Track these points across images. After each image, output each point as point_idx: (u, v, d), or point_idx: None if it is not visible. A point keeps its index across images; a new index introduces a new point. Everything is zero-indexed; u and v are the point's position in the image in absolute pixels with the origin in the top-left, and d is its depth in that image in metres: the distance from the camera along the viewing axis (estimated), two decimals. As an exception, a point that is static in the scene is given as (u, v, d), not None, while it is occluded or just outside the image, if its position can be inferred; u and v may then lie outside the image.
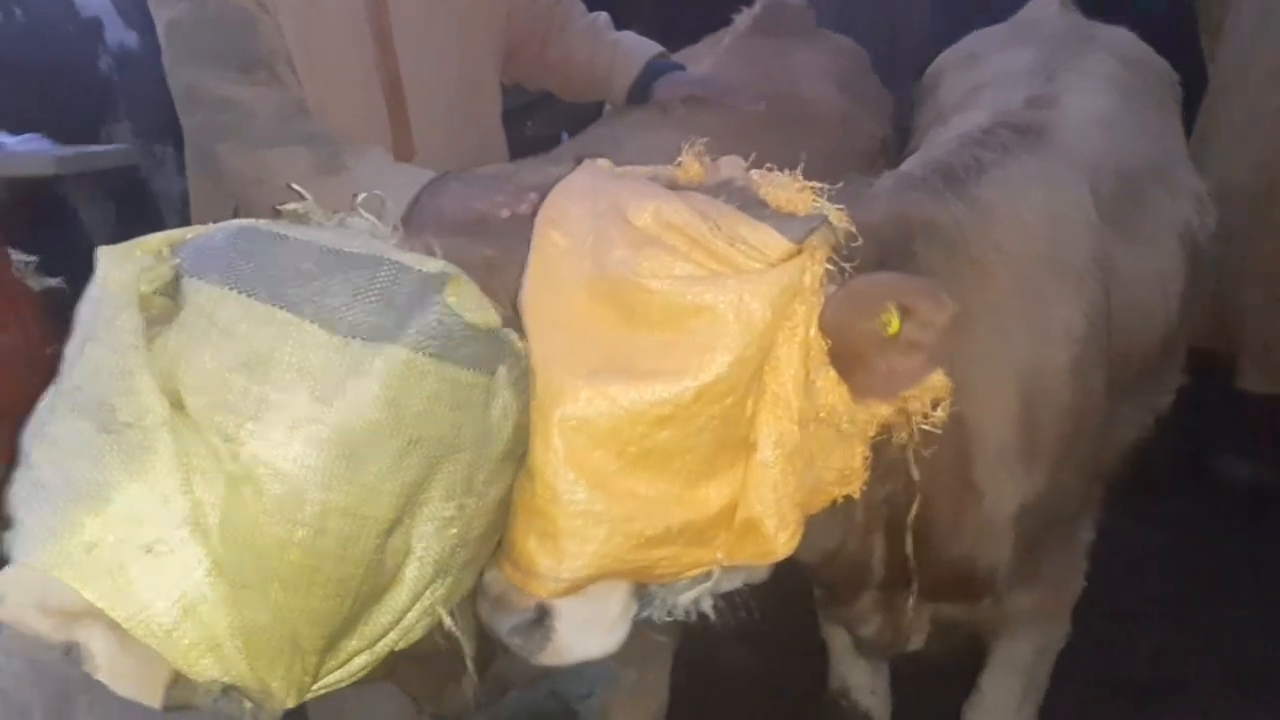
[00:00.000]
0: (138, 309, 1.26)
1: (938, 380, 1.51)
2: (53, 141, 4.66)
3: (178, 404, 1.22)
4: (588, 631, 1.48)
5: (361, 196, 1.44)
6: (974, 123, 2.37)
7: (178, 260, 1.32)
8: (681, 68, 2.86)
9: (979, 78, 2.75)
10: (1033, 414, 2.02)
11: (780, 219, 1.40)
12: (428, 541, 1.35)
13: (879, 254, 1.68)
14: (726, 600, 1.65)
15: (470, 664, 1.57)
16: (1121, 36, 2.92)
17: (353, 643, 1.36)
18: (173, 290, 1.30)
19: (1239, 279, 3.66)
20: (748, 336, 1.33)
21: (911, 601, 2.02)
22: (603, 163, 1.58)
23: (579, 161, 1.59)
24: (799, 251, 1.39)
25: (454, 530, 1.36)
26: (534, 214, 1.53)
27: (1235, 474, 4.05)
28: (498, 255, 1.61)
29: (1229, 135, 3.84)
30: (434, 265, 1.32)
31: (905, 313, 1.45)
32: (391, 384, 1.24)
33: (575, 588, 1.42)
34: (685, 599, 1.55)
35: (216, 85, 2.26)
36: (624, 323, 1.36)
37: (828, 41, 3.37)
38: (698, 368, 1.33)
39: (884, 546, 2.01)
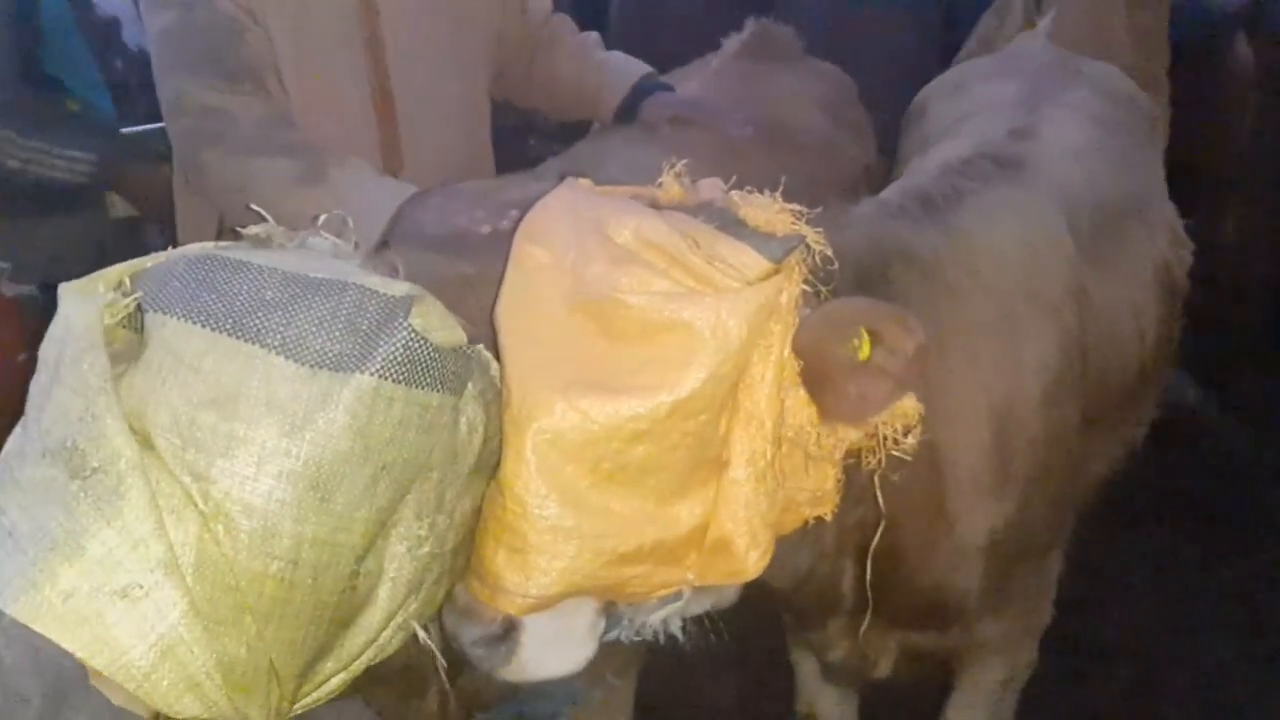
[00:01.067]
0: (103, 349, 1.25)
1: (909, 407, 1.51)
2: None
3: (147, 444, 1.22)
4: (554, 648, 1.47)
5: (323, 218, 1.43)
6: (955, 152, 2.39)
7: (139, 293, 1.30)
8: (670, 88, 2.87)
9: (964, 108, 2.77)
10: (1005, 443, 2.03)
11: (759, 238, 1.40)
12: (400, 561, 1.34)
13: (856, 279, 1.69)
14: (695, 622, 1.64)
15: (444, 677, 1.56)
16: (1107, 72, 2.95)
17: (329, 664, 1.35)
18: (136, 322, 1.29)
19: None
20: (723, 354, 1.33)
21: (864, 627, 2.01)
22: (583, 181, 1.58)
23: (562, 178, 1.59)
24: (776, 271, 1.39)
25: (426, 549, 1.36)
26: (515, 231, 1.53)
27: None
28: (476, 272, 1.61)
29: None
30: (399, 289, 1.31)
31: (876, 338, 1.45)
32: (360, 413, 1.23)
33: (543, 605, 1.41)
34: (655, 619, 1.54)
35: (202, 93, 2.25)
36: (601, 338, 1.36)
37: (814, 69, 3.39)
38: (673, 383, 1.32)
39: (854, 571, 2.00)
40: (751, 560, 1.45)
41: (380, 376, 1.24)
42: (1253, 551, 3.82)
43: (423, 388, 1.27)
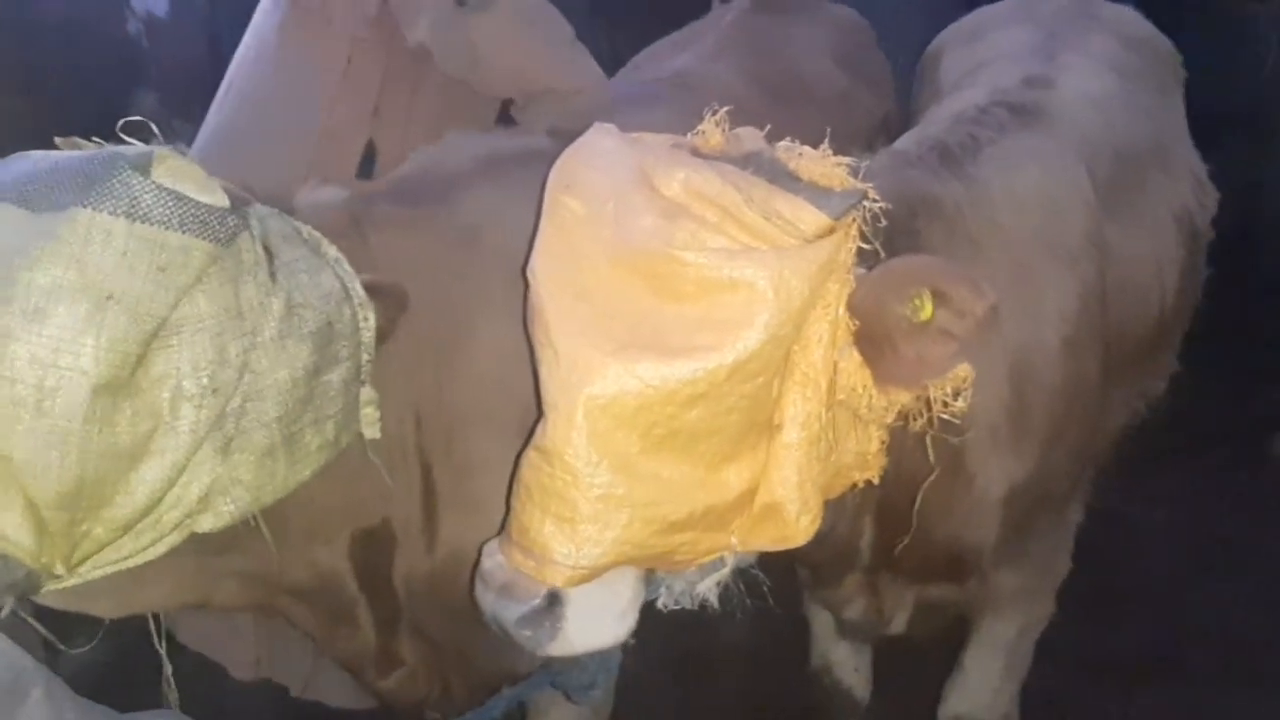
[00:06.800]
0: None
1: (962, 370, 1.47)
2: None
3: None
4: (599, 619, 1.43)
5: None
6: (970, 101, 2.33)
7: None
8: None
9: (979, 56, 2.71)
10: (1023, 396, 2.01)
11: (815, 193, 1.34)
12: (181, 409, 1.34)
13: (883, 232, 1.64)
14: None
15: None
16: (1125, 15, 2.88)
17: (121, 512, 1.35)
18: None
19: None
20: (785, 313, 1.29)
21: (903, 546, 1.98)
22: (612, 127, 1.51)
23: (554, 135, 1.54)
24: (834, 228, 1.34)
25: (212, 399, 1.36)
26: None
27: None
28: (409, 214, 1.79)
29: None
30: (146, 149, 1.37)
31: (940, 299, 1.40)
32: (72, 241, 1.26)
33: (591, 576, 1.37)
34: (703, 587, 1.50)
35: None
36: (651, 295, 1.31)
37: (831, 16, 3.36)
38: (734, 343, 1.28)
39: (873, 530, 1.99)
40: (802, 525, 1.42)
41: (94, 209, 1.29)
42: (1273, 496, 3.84)
43: (152, 224, 1.31)
